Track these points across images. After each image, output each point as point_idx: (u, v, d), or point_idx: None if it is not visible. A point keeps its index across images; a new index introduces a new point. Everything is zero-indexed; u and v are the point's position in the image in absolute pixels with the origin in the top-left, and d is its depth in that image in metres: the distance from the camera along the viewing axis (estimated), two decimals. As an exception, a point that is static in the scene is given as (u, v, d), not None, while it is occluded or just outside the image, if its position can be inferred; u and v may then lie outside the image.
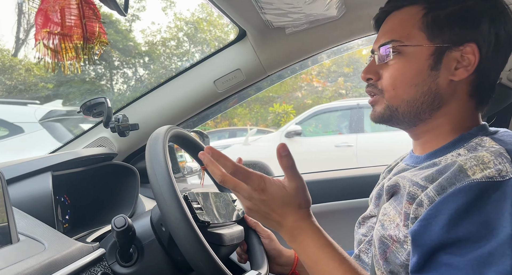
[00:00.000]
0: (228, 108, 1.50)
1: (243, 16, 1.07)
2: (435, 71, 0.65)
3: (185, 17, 10.05)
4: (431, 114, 0.68)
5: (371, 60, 0.72)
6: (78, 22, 0.65)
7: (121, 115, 1.00)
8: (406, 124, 0.71)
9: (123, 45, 9.49)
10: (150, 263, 0.74)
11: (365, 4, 1.10)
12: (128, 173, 1.05)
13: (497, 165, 0.55)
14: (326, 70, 9.25)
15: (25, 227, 0.68)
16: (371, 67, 0.71)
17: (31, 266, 0.57)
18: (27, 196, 0.77)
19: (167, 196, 0.64)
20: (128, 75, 9.97)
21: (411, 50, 0.67)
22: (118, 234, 0.69)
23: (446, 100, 0.67)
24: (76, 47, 0.67)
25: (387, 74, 0.69)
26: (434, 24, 0.65)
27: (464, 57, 0.64)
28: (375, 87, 0.71)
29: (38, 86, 8.57)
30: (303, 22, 1.11)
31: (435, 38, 0.65)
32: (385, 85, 0.69)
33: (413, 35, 0.67)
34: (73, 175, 0.94)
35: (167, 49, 9.97)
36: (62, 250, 0.65)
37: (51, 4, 0.63)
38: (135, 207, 1.03)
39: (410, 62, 0.67)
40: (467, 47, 0.64)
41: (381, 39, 0.71)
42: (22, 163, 0.83)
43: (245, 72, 1.23)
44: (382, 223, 0.68)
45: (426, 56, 0.66)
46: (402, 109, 0.68)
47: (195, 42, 10.17)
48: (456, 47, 0.65)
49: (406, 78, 0.67)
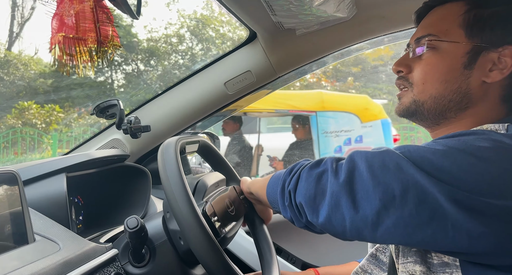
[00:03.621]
0: (234, 113, 1.50)
1: (254, 18, 1.07)
2: (468, 70, 0.64)
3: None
4: (456, 113, 0.67)
5: (406, 53, 0.72)
6: (92, 26, 0.66)
7: (133, 118, 1.01)
8: (429, 122, 0.70)
9: (127, 41, 9.58)
10: (162, 263, 0.74)
11: (376, 4, 1.09)
12: (140, 174, 1.06)
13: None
14: (332, 69, 9.24)
15: (41, 227, 0.70)
16: (403, 60, 0.71)
17: (47, 265, 0.58)
18: (42, 196, 0.79)
19: (189, 220, 0.63)
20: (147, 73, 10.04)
21: (446, 46, 0.66)
22: (131, 234, 0.70)
23: (475, 102, 0.65)
24: (90, 51, 0.68)
25: (419, 68, 0.68)
26: (475, 22, 0.64)
27: (501, 60, 0.63)
28: (406, 80, 0.71)
29: (37, 82, 8.70)
30: (313, 24, 1.11)
31: (474, 37, 0.64)
32: (416, 79, 0.69)
33: (451, 31, 0.66)
34: (87, 176, 0.96)
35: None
36: (77, 250, 0.66)
37: (66, 9, 0.64)
38: (147, 208, 1.04)
39: (444, 58, 0.66)
40: (506, 49, 0.63)
41: (418, 33, 0.70)
42: (37, 164, 0.84)
43: (255, 74, 1.24)
44: None
45: (461, 54, 0.64)
46: (428, 105, 0.68)
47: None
48: (494, 49, 0.63)
49: (437, 74, 0.66)
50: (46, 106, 8.22)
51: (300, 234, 1.55)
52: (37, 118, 8.03)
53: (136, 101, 1.30)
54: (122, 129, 1.00)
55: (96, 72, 8.55)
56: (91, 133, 1.25)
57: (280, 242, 1.54)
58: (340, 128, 4.74)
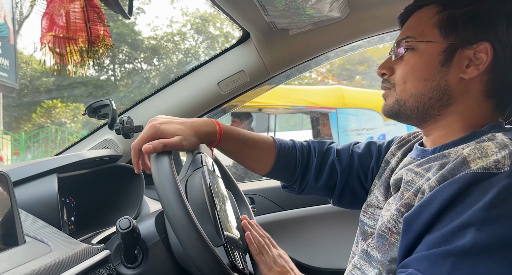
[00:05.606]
0: (234, 109, 1.50)
1: (247, 18, 1.07)
2: (445, 67, 0.67)
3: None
4: (440, 110, 0.69)
5: (389, 57, 0.75)
6: (83, 25, 0.66)
7: (126, 117, 1.00)
8: (415, 120, 0.73)
9: (131, 39, 9.52)
10: (155, 264, 0.74)
11: (368, 5, 1.10)
12: (133, 174, 1.05)
13: (497, 157, 0.55)
14: (337, 68, 9.27)
15: (31, 228, 0.69)
16: (386, 63, 0.74)
17: (38, 267, 0.57)
18: (33, 197, 0.78)
19: (183, 225, 0.61)
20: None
21: (423, 46, 0.69)
22: (123, 235, 0.69)
23: (457, 98, 0.67)
24: (81, 51, 0.67)
25: (400, 68, 0.72)
26: (448, 22, 0.67)
27: (477, 56, 0.65)
28: (388, 82, 0.74)
29: (40, 80, 8.64)
30: (306, 24, 1.11)
31: (448, 36, 0.67)
32: (397, 79, 0.72)
33: (427, 32, 0.69)
34: (79, 177, 0.95)
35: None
36: (68, 252, 0.65)
37: (56, 8, 0.63)
38: (140, 209, 1.03)
39: (421, 57, 0.68)
40: (480, 45, 0.65)
41: (399, 37, 0.73)
42: (28, 165, 0.83)
43: (248, 73, 1.24)
44: (382, 218, 0.69)
45: (437, 52, 0.67)
46: (410, 104, 0.70)
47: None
48: (469, 46, 0.65)
49: (415, 72, 0.69)
50: (71, 105, 8.17)
51: (294, 234, 1.55)
52: (66, 117, 7.97)
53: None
54: (114, 129, 0.99)
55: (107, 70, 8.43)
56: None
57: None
58: (362, 126, 4.55)
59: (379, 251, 0.66)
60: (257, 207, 1.52)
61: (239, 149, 0.88)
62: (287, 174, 0.93)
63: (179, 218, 0.61)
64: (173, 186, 0.63)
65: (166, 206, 0.63)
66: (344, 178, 0.90)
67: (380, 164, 0.87)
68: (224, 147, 0.87)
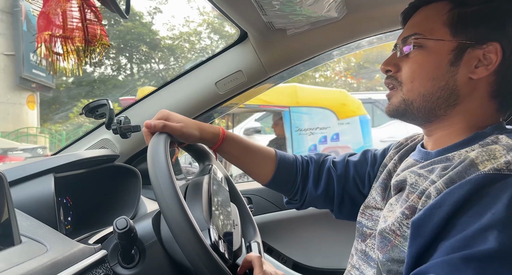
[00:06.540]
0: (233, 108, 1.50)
1: (244, 18, 1.07)
2: (454, 67, 0.65)
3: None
4: (446, 111, 0.68)
5: (393, 53, 0.73)
6: (80, 24, 0.66)
7: (123, 117, 1.00)
8: (420, 120, 0.71)
9: (150, 38, 9.48)
10: (152, 264, 0.74)
11: (366, 5, 1.10)
12: (130, 174, 1.05)
13: (507, 158, 0.55)
14: (354, 66, 9.20)
15: (27, 228, 0.69)
16: (391, 60, 0.72)
17: (34, 267, 0.57)
18: (30, 197, 0.77)
19: (181, 226, 0.61)
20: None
21: (432, 44, 0.67)
22: (120, 235, 0.69)
23: (464, 98, 0.66)
24: (78, 50, 0.67)
25: (407, 66, 0.70)
26: (459, 20, 0.65)
27: (486, 56, 0.64)
28: (395, 79, 0.72)
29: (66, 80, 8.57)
30: (304, 24, 1.11)
31: (458, 35, 0.65)
32: (404, 77, 0.70)
33: (437, 29, 0.67)
34: (75, 177, 0.94)
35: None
36: (64, 252, 0.65)
37: (53, 7, 0.63)
38: (137, 209, 1.03)
39: (430, 55, 0.67)
40: (490, 46, 0.64)
41: (405, 33, 0.71)
42: (25, 164, 0.83)
43: (246, 73, 1.24)
44: (385, 219, 0.68)
45: (446, 51, 0.66)
46: (417, 104, 0.69)
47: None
48: (479, 46, 0.65)
49: (424, 71, 0.67)
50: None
51: (291, 234, 1.55)
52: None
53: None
54: (111, 129, 0.99)
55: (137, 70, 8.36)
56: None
57: (271, 242, 1.54)
58: (315, 125, 4.42)
59: (381, 251, 0.66)
60: (254, 207, 1.52)
61: (240, 153, 0.90)
62: (288, 184, 0.94)
63: (167, 194, 0.62)
64: (164, 165, 0.65)
65: (155, 185, 0.64)
66: (341, 185, 0.91)
67: (376, 170, 0.87)
68: (226, 150, 0.89)
